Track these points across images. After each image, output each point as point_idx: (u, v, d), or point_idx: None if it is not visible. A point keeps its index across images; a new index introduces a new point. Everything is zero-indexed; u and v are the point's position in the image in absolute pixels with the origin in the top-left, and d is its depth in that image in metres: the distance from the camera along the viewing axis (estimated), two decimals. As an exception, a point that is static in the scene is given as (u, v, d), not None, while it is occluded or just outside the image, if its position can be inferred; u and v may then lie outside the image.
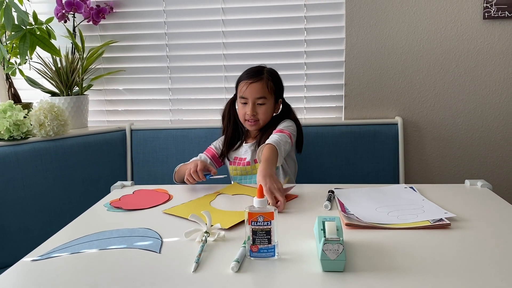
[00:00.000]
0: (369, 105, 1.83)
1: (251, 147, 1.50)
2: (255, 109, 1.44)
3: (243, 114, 1.46)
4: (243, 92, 1.44)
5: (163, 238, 0.92)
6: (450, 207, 1.04)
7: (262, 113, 1.45)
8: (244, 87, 1.44)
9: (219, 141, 1.57)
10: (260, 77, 1.45)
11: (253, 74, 1.46)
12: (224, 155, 1.53)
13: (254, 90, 1.43)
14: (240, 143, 1.54)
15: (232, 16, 1.88)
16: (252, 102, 1.43)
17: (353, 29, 1.78)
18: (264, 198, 0.81)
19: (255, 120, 1.45)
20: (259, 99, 1.44)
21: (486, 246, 0.84)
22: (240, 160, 1.50)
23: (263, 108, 1.45)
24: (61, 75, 1.78)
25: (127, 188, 1.32)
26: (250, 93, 1.43)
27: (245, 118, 1.46)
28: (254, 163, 1.47)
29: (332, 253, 0.73)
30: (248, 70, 1.49)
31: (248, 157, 1.49)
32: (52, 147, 1.65)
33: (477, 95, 1.78)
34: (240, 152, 1.52)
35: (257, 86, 1.43)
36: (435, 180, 1.84)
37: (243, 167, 1.48)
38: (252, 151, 1.49)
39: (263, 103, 1.44)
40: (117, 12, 1.92)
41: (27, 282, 0.76)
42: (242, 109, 1.47)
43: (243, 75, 1.48)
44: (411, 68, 1.78)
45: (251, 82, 1.44)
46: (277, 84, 1.49)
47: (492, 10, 1.69)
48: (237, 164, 1.50)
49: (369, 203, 1.09)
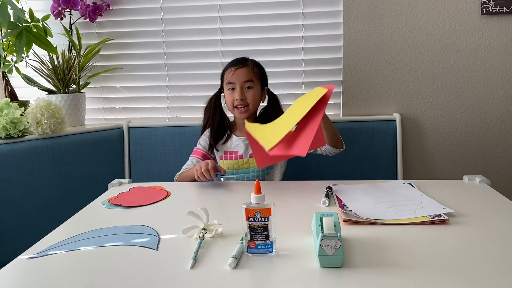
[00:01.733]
0: (367, 102, 1.83)
1: (245, 141, 1.50)
2: (243, 93, 1.45)
3: (232, 101, 1.46)
4: (230, 78, 1.46)
5: (160, 235, 0.92)
6: (449, 203, 1.03)
7: (251, 97, 1.46)
8: (231, 73, 1.46)
9: (203, 139, 1.55)
10: (245, 63, 1.48)
11: (239, 61, 1.49)
12: (212, 147, 1.51)
13: (240, 74, 1.45)
14: (228, 136, 1.52)
15: (230, 12, 1.87)
16: (240, 87, 1.45)
17: (351, 26, 1.77)
18: (261, 194, 0.80)
19: (245, 105, 1.45)
20: (247, 82, 1.45)
21: (484, 241, 0.84)
22: (231, 154, 1.49)
23: (251, 93, 1.46)
24: (58, 73, 1.78)
25: (124, 186, 1.32)
26: (237, 78, 1.45)
27: (234, 104, 1.46)
28: (248, 157, 1.48)
29: (330, 249, 0.73)
30: (232, 60, 1.51)
31: (241, 151, 1.49)
32: (49, 145, 1.64)
33: (475, 91, 1.77)
34: (229, 145, 1.51)
35: (244, 71, 1.46)
36: (433, 176, 1.84)
37: (235, 160, 1.48)
38: (246, 145, 1.49)
39: (251, 87, 1.46)
40: (114, 9, 1.91)
41: (24, 279, 0.76)
42: (230, 96, 1.47)
43: (228, 65, 1.50)
44: (409, 64, 1.78)
45: (237, 68, 1.46)
46: (262, 71, 1.52)
47: (490, 6, 1.68)
48: (228, 158, 1.49)
49: (367, 199, 1.09)
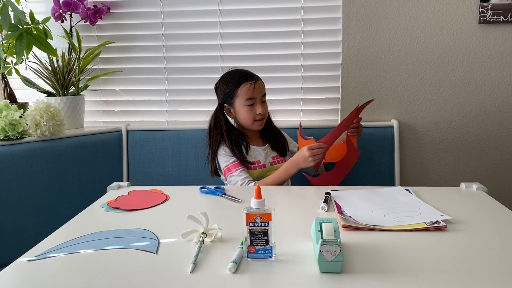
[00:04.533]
0: (365, 108, 1.83)
1: (264, 150, 1.53)
2: (264, 107, 1.49)
3: (253, 115, 1.47)
4: (252, 93, 1.45)
5: (160, 239, 0.92)
6: (446, 209, 1.04)
7: (266, 108, 1.52)
8: (251, 88, 1.45)
9: (228, 156, 1.47)
10: (257, 77, 1.50)
11: (251, 74, 1.49)
12: (244, 161, 1.48)
13: (259, 88, 1.48)
14: (246, 147, 1.51)
15: (230, 18, 1.88)
16: (260, 100, 1.48)
17: (350, 32, 1.78)
18: (262, 199, 0.81)
19: (263, 118, 1.50)
20: (264, 96, 1.50)
21: (481, 248, 0.84)
22: (254, 164, 1.50)
23: (266, 105, 1.52)
24: (58, 75, 1.78)
25: (123, 189, 1.32)
26: (258, 92, 1.47)
27: (256, 118, 1.47)
28: (270, 165, 1.51)
29: (330, 255, 0.74)
30: (241, 73, 1.48)
31: (262, 160, 1.51)
32: (48, 147, 1.64)
33: (472, 99, 1.79)
34: (251, 156, 1.51)
35: (260, 84, 1.49)
36: (430, 183, 1.85)
37: (259, 170, 1.50)
38: (266, 154, 1.52)
39: (265, 100, 1.51)
40: (114, 12, 1.91)
41: (23, 282, 0.76)
42: (251, 111, 1.47)
43: (242, 79, 1.47)
44: (408, 71, 1.79)
45: (255, 81, 1.47)
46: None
47: (488, 15, 1.70)
48: (253, 169, 1.50)
49: (365, 205, 1.09)
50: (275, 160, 1.55)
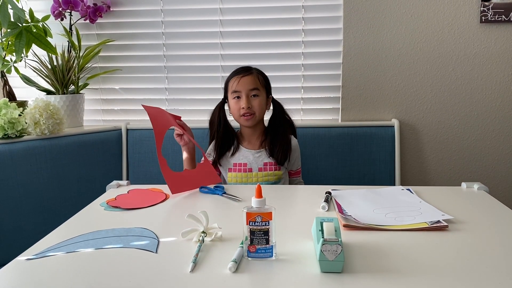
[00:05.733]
0: (366, 107, 1.83)
1: (256, 154, 1.48)
2: (249, 102, 1.43)
3: (238, 109, 1.44)
4: (236, 86, 1.44)
5: (160, 238, 0.91)
6: (447, 209, 1.04)
7: (257, 105, 1.44)
8: (236, 82, 1.44)
9: (210, 151, 1.52)
10: (250, 72, 1.46)
11: (242, 70, 1.47)
12: (216, 162, 1.49)
13: (245, 82, 1.44)
14: (235, 147, 1.50)
15: (230, 16, 1.88)
16: (246, 95, 1.43)
17: (351, 31, 1.78)
18: (262, 198, 0.80)
19: (251, 113, 1.44)
20: (252, 90, 1.44)
21: (483, 248, 0.84)
22: (240, 166, 1.47)
23: (258, 101, 1.44)
24: (57, 74, 1.77)
25: (122, 188, 1.31)
26: (243, 86, 1.43)
27: (240, 113, 1.44)
28: (258, 170, 1.46)
29: (331, 254, 0.73)
30: (235, 70, 1.49)
31: (250, 163, 1.46)
32: (47, 145, 1.63)
33: (473, 98, 1.79)
34: (237, 158, 1.48)
35: (249, 79, 1.44)
36: (431, 183, 1.85)
37: (244, 173, 1.46)
38: (257, 158, 1.47)
39: (257, 95, 1.44)
40: (114, 10, 1.91)
41: (22, 281, 0.75)
42: (236, 105, 1.45)
43: (232, 74, 1.48)
44: (408, 70, 1.79)
45: (242, 76, 1.44)
46: (266, 79, 1.51)
47: (489, 14, 1.70)
48: (237, 171, 1.46)
49: (366, 204, 1.09)
50: (267, 167, 1.47)
